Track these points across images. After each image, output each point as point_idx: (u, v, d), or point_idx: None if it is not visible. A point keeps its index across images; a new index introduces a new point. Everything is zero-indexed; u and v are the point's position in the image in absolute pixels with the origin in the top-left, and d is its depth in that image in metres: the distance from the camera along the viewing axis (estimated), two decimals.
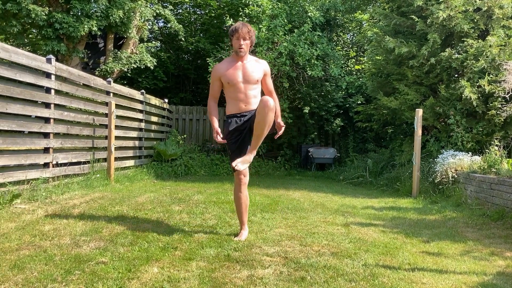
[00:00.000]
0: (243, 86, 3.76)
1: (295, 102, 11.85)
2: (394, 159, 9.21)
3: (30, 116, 5.81)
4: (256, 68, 3.80)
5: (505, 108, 7.02)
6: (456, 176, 6.64)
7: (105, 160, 7.55)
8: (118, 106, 8.08)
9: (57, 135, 6.36)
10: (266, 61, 9.85)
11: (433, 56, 7.87)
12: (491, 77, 7.38)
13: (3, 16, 9.44)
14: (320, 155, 11.69)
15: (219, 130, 3.75)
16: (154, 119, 10.47)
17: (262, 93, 3.91)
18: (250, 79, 3.76)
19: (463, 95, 7.38)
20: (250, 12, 10.92)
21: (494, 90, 7.25)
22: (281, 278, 2.83)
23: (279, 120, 3.81)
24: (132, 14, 10.59)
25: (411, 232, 4.37)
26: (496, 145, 7.14)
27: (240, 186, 3.82)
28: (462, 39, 7.76)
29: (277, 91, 11.14)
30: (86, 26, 9.58)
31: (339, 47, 15.46)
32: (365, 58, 14.21)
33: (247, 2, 11.14)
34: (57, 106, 6.32)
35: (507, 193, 5.13)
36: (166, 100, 11.91)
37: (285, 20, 10.68)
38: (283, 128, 3.84)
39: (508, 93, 6.54)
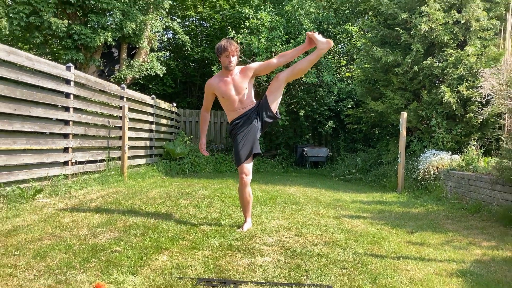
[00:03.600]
0: (236, 97, 3.79)
1: (291, 106, 11.83)
2: (381, 158, 9.21)
3: (51, 118, 5.81)
4: (242, 78, 3.78)
5: (481, 111, 7.02)
6: (437, 173, 6.64)
7: (119, 158, 7.55)
8: (131, 110, 8.08)
9: (75, 136, 6.36)
10: None
11: (416, 64, 7.87)
12: (469, 83, 7.37)
13: (27, 28, 9.44)
14: (314, 154, 11.68)
15: (204, 143, 3.89)
16: (163, 121, 10.47)
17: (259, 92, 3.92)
18: (240, 90, 3.78)
19: (443, 100, 7.38)
20: (251, 25, 10.91)
21: (471, 95, 7.25)
22: (278, 266, 2.83)
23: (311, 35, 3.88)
24: (143, 26, 10.59)
25: (397, 224, 4.37)
26: (474, 145, 7.14)
27: (242, 184, 3.81)
28: (443, 49, 7.76)
29: None
30: (102, 37, 9.57)
31: (331, 56, 15.44)
32: (355, 66, 14.19)
33: (248, 15, 11.14)
34: (76, 109, 6.31)
35: (483, 188, 5.13)
36: (175, 104, 11.91)
37: (282, 32, 10.67)
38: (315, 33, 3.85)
39: (484, 97, 6.54)
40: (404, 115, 7.19)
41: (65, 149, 6.08)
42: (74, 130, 6.24)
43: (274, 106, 3.81)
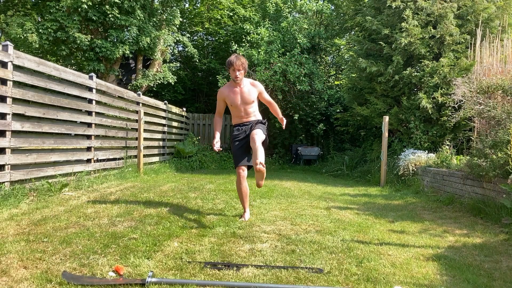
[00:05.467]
0: (242, 107, 3.82)
1: (287, 111, 11.81)
2: (366, 156, 9.21)
3: (76, 121, 5.81)
4: (251, 91, 3.80)
5: (454, 115, 7.00)
6: (415, 170, 6.64)
7: (135, 156, 7.55)
8: (146, 114, 8.08)
9: (97, 137, 6.36)
10: (263, 78, 9.87)
11: (397, 74, 7.87)
12: (443, 91, 7.37)
13: (55, 42, 9.44)
14: (307, 153, 11.68)
15: (217, 140, 3.83)
16: (174, 124, 10.46)
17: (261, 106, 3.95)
18: (247, 101, 3.80)
19: (421, 105, 7.38)
20: (251, 39, 10.91)
21: (445, 101, 7.24)
22: (276, 251, 2.83)
23: (281, 116, 4.03)
24: (157, 40, 10.59)
25: (380, 214, 4.37)
26: (447, 145, 7.13)
27: (240, 179, 3.80)
28: (420, 60, 7.75)
29: None
30: (120, 50, 9.58)
31: (322, 67, 15.43)
32: (343, 75, 14.20)
33: (249, 31, 11.14)
34: (97, 113, 6.31)
35: (456, 183, 5.13)
36: (184, 109, 11.91)
37: (279, 45, 10.67)
38: (285, 121, 4.01)
39: (457, 103, 6.52)
40: (386, 118, 7.19)
41: (88, 149, 6.08)
42: (96, 131, 6.24)
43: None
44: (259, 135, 3.66)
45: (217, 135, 3.91)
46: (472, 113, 5.60)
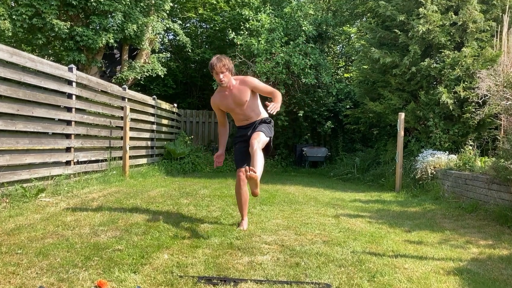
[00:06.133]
0: (238, 110, 3.83)
1: (290, 107, 11.82)
2: (379, 158, 9.20)
3: (53, 119, 5.80)
4: (242, 91, 3.77)
5: (478, 112, 7.01)
6: (434, 173, 6.64)
7: (120, 158, 7.55)
8: (132, 110, 8.08)
9: (77, 136, 6.36)
10: (264, 70, 9.88)
11: (414, 66, 7.87)
12: (465, 84, 7.37)
13: (30, 30, 9.44)
14: (313, 154, 11.68)
15: (220, 153, 3.88)
16: (164, 121, 10.46)
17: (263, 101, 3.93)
18: (240, 102, 3.78)
19: (441, 100, 7.38)
20: (251, 27, 10.91)
21: (468, 96, 7.24)
22: (278, 264, 2.83)
23: (276, 105, 3.59)
24: (145, 28, 10.59)
25: (394, 223, 4.37)
26: (470, 145, 7.13)
27: (239, 182, 3.80)
28: (440, 50, 7.75)
29: None
30: (103, 39, 9.57)
31: (330, 57, 15.45)
32: (353, 67, 14.20)
33: (248, 17, 11.13)
34: (78, 110, 6.31)
35: (480, 187, 5.13)
36: (175, 105, 11.91)
37: (282, 33, 10.67)
38: (276, 109, 3.54)
39: (481, 98, 6.53)
40: (402, 115, 7.19)
41: (67, 149, 6.08)
42: (76, 130, 6.24)
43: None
44: (259, 139, 3.65)
45: (221, 149, 3.97)
46: (499, 109, 5.61)
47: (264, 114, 3.94)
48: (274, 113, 3.54)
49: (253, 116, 3.87)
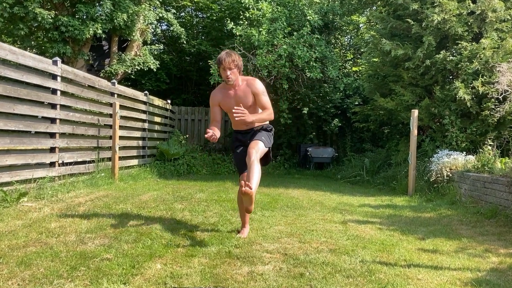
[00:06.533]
0: None
1: (294, 103, 11.82)
2: (391, 159, 9.20)
3: (36, 116, 5.80)
4: (248, 93, 3.76)
5: (498, 109, 7.01)
6: (450, 175, 6.63)
7: (109, 159, 7.55)
8: (122, 107, 8.08)
9: (63, 135, 6.36)
10: (265, 63, 9.88)
11: (428, 58, 7.86)
12: (484, 79, 7.37)
13: (11, 19, 9.43)
14: (318, 155, 11.68)
15: (211, 131, 3.59)
16: (157, 119, 10.47)
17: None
18: (244, 105, 3.72)
19: (457, 96, 7.38)
20: (251, 16, 10.91)
21: (487, 91, 7.24)
22: (280, 274, 2.83)
23: (253, 118, 3.62)
24: (136, 17, 10.59)
25: (407, 230, 4.37)
26: (490, 145, 7.13)
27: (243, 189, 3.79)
28: (457, 41, 7.75)
29: (277, 93, 11.14)
30: (91, 29, 9.57)
31: (337, 50, 15.44)
32: (362, 60, 14.21)
33: (248, 5, 11.12)
34: (63, 107, 6.31)
35: (500, 191, 5.13)
36: (169, 101, 11.92)
37: (285, 23, 10.66)
38: (245, 116, 3.53)
39: (501, 94, 6.54)
40: (415, 112, 7.19)
41: (52, 149, 6.08)
42: (61, 129, 6.24)
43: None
44: (258, 148, 3.64)
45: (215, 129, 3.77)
46: None
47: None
48: (237, 118, 3.49)
49: (255, 123, 3.85)
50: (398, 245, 3.71)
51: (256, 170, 3.48)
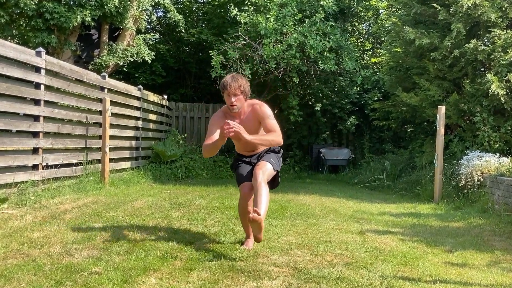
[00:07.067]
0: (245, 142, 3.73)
1: (305, 99, 11.83)
2: (414, 161, 9.17)
3: (18, 114, 5.83)
4: (254, 122, 3.76)
5: None
6: (482, 180, 6.60)
7: (99, 161, 7.57)
8: (113, 103, 8.11)
9: (47, 134, 6.38)
10: (274, 54, 9.86)
11: (457, 48, 7.83)
12: None
13: None
14: (333, 156, 11.66)
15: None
16: (152, 117, 10.49)
17: None
18: (250, 133, 3.67)
19: (490, 91, 7.33)
20: (257, 1, 10.91)
21: None
22: None
23: (247, 136, 3.51)
24: (128, 3, 10.62)
25: (433, 241, 4.35)
26: None
27: (245, 198, 3.80)
28: (489, 29, 7.71)
29: (286, 87, 11.14)
30: (78, 16, 9.61)
31: (354, 39, 15.42)
32: (383, 50, 14.16)
33: None
34: (47, 103, 6.34)
35: None
36: (165, 97, 11.93)
37: (295, 9, 10.65)
38: (232, 131, 3.40)
39: None
40: (442, 109, 7.15)
41: (35, 150, 6.11)
42: (46, 127, 6.27)
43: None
44: (265, 169, 3.64)
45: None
46: None
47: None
48: (228, 131, 3.36)
49: (260, 146, 3.88)
50: (422, 258, 3.70)
51: (264, 194, 3.46)
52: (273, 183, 3.89)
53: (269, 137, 3.68)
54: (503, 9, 7.67)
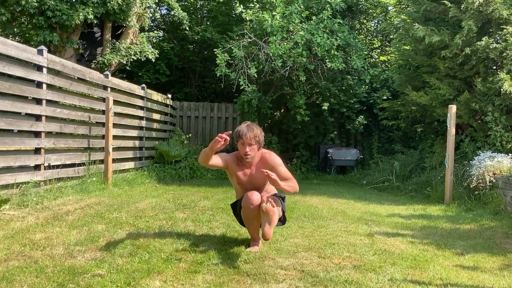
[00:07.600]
0: (250, 187, 3.85)
1: (312, 98, 11.82)
2: (424, 162, 9.15)
3: (19, 113, 5.85)
4: (263, 172, 3.72)
5: None
6: (494, 181, 6.57)
7: (102, 162, 7.59)
8: (116, 102, 8.12)
9: (49, 134, 6.40)
10: (280, 52, 9.85)
11: (468, 46, 7.80)
12: None
13: None
14: (340, 157, 11.64)
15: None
16: (156, 116, 10.51)
17: None
18: (258, 185, 3.85)
19: (502, 89, 7.30)
20: None
21: None
22: None
23: (280, 182, 3.68)
24: (132, 0, 10.64)
25: (443, 243, 4.33)
26: None
27: (248, 206, 3.77)
28: (501, 26, 7.68)
29: (292, 86, 11.13)
30: (81, 14, 9.63)
31: (362, 36, 15.39)
32: (392, 48, 14.13)
33: None
34: (50, 102, 6.35)
35: None
36: (170, 96, 11.96)
37: (302, 6, 10.65)
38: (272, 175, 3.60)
39: None
40: (452, 108, 7.13)
41: (37, 150, 6.13)
42: (48, 127, 6.29)
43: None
44: (274, 199, 3.72)
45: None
46: None
47: (275, 190, 4.01)
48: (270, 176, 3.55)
49: (265, 194, 3.91)
50: (433, 261, 3.69)
51: (275, 213, 3.54)
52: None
53: (290, 183, 3.81)
54: None
